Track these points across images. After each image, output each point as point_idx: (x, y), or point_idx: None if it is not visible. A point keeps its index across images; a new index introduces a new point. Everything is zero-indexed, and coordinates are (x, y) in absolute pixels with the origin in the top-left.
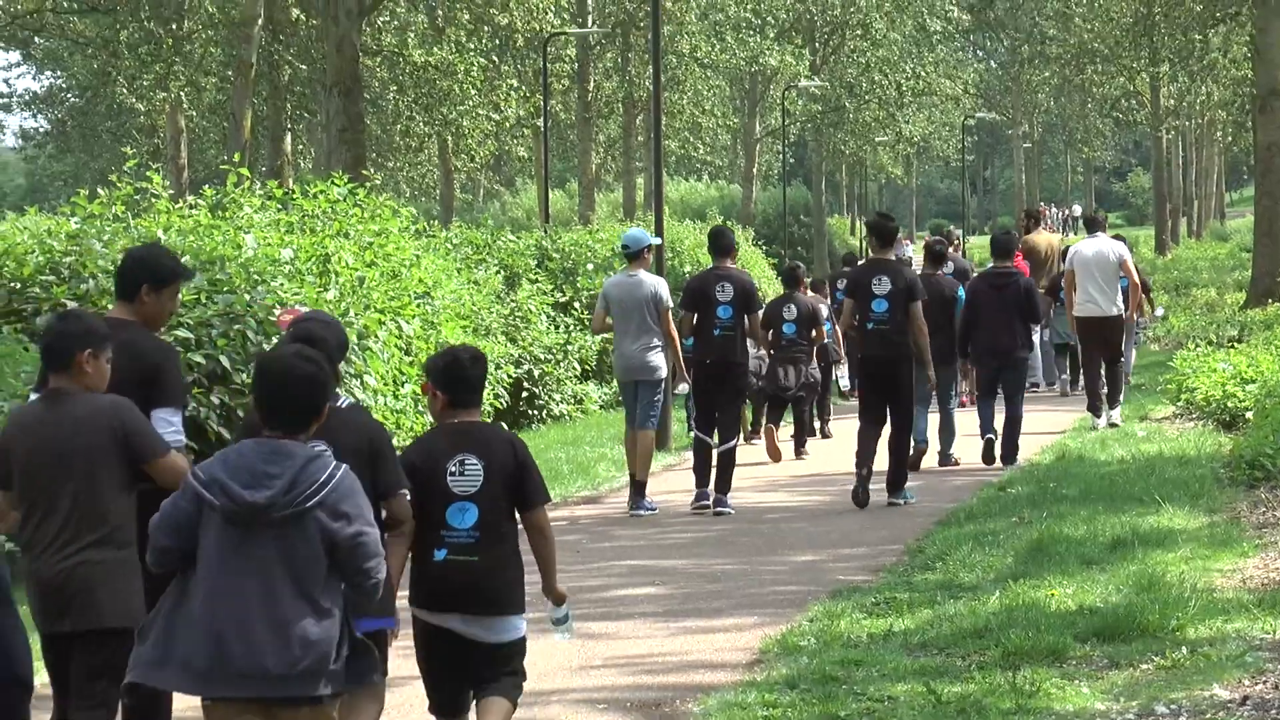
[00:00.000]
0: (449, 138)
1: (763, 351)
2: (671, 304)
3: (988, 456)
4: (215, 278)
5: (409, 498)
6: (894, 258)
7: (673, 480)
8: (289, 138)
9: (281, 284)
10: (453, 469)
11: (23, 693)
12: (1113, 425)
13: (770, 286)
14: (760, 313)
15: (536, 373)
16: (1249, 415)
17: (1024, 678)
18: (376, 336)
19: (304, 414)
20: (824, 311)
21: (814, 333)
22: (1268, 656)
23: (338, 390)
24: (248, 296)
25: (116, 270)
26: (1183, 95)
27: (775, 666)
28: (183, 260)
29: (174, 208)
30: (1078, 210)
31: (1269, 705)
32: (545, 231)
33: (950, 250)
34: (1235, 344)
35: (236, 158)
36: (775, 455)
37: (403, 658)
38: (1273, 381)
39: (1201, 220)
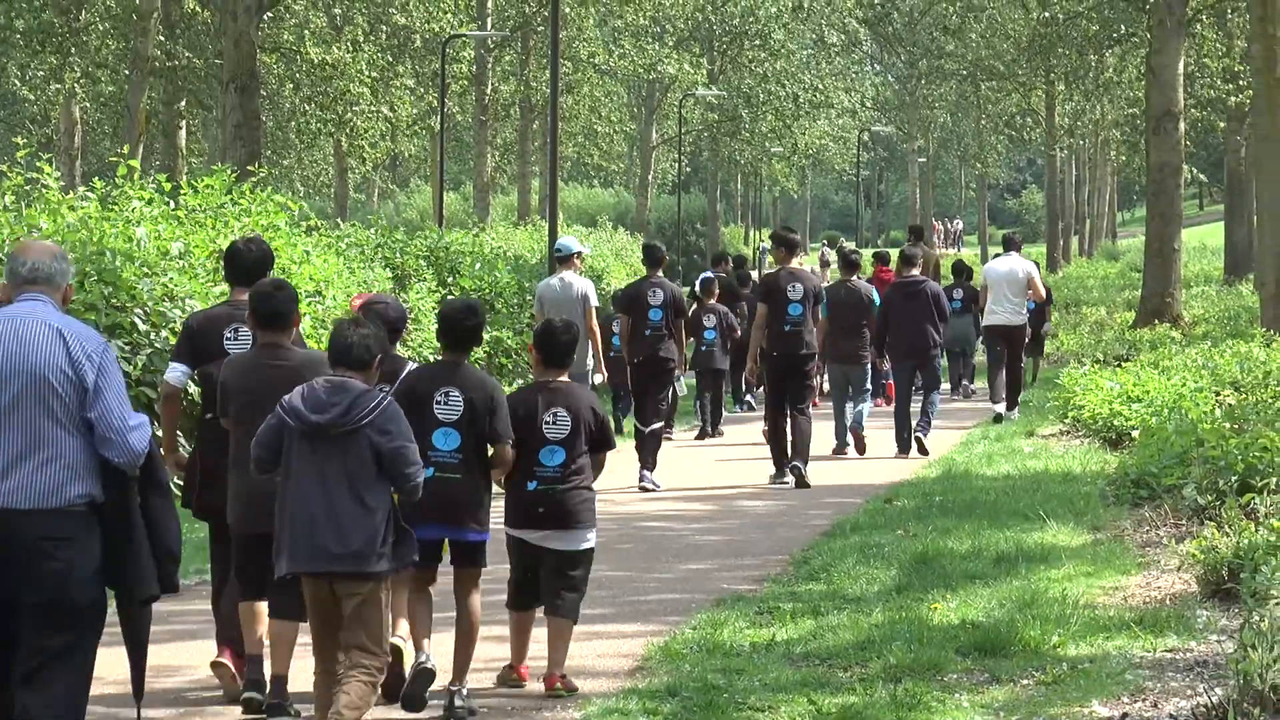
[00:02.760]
0: (343, 138)
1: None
2: (597, 304)
3: (903, 447)
4: (104, 267)
5: (510, 446)
6: (797, 265)
7: None
8: (184, 132)
9: (172, 277)
10: (547, 419)
11: (174, 565)
12: (1005, 418)
13: None
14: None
15: None
16: (1135, 434)
17: (905, 690)
18: None
19: (365, 362)
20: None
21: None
22: (1147, 674)
23: (401, 354)
24: (138, 287)
25: (240, 261)
26: (1077, 114)
27: (657, 674)
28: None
29: (64, 199)
30: (958, 225)
31: None
32: (431, 235)
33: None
34: (1123, 363)
35: (125, 150)
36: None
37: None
38: (1159, 401)
39: (1093, 239)
